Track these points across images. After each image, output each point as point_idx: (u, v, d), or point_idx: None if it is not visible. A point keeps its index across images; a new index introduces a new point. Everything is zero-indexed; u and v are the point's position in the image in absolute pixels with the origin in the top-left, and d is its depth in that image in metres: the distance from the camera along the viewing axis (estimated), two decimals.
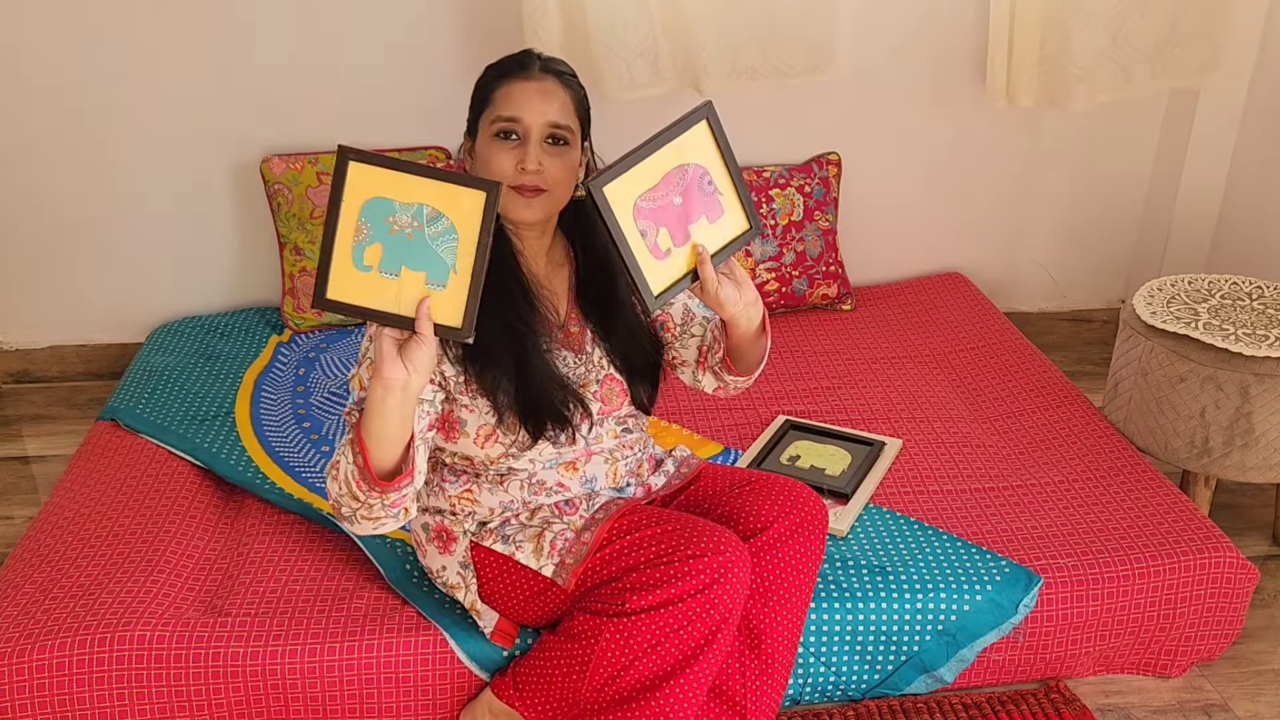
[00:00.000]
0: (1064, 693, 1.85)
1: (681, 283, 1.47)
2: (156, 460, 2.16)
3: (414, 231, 1.30)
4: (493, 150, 1.51)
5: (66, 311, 2.88)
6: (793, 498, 1.68)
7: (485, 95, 1.55)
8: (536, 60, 1.56)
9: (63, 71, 2.61)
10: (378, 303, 1.31)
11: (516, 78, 1.53)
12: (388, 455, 1.38)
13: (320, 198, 2.65)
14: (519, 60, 1.56)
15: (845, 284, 2.86)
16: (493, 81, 1.55)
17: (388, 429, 1.35)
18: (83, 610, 1.73)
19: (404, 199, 1.29)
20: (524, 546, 1.61)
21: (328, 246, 1.29)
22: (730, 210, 1.49)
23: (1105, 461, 2.15)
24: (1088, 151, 2.98)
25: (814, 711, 1.81)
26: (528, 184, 1.50)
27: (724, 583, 1.49)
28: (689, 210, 1.45)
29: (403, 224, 1.30)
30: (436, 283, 1.31)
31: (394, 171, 1.29)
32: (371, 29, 2.64)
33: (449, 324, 1.33)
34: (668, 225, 1.44)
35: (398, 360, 1.32)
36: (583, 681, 1.53)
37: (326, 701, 1.69)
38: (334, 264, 1.29)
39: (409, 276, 1.31)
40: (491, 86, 1.55)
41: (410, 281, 1.31)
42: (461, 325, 1.33)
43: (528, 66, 1.55)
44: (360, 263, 1.30)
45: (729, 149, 1.47)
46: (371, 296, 1.30)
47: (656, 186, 1.43)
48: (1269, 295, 2.29)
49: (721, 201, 1.48)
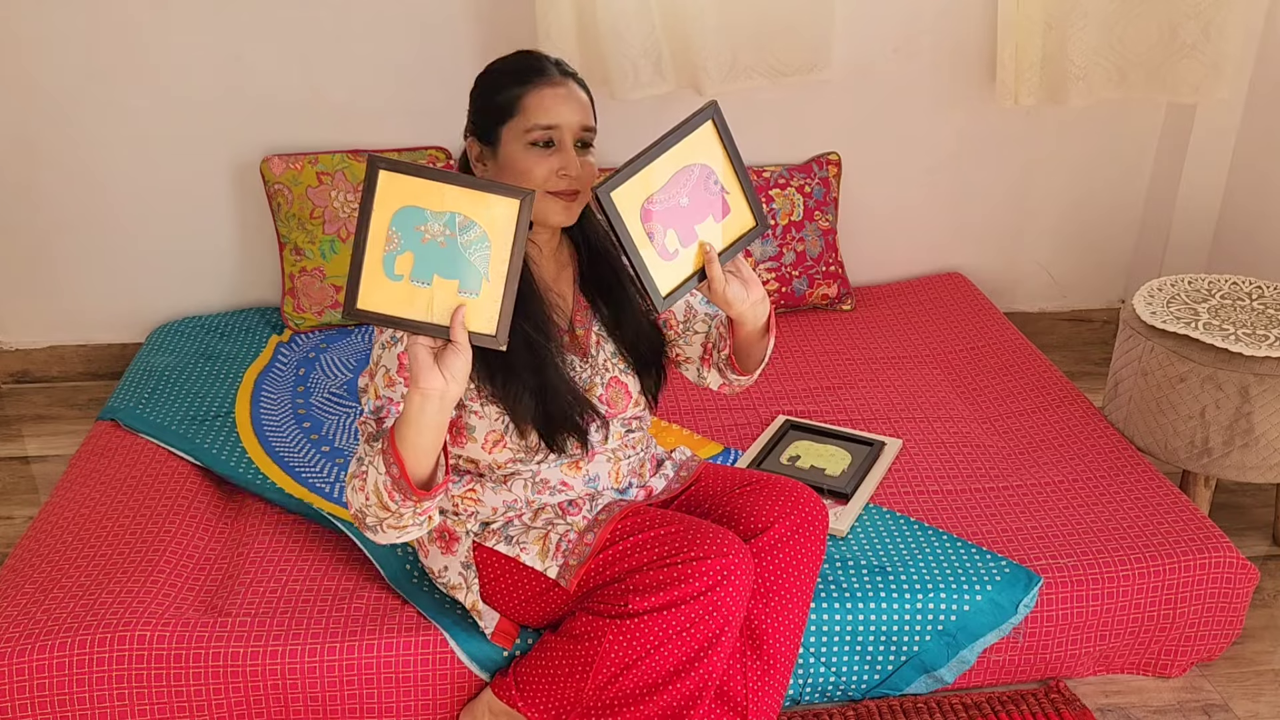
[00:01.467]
0: (1064, 693, 1.85)
1: (689, 282, 1.47)
2: (156, 460, 2.16)
3: (446, 240, 1.29)
4: (530, 159, 1.50)
5: (66, 311, 2.88)
6: (793, 498, 1.68)
7: (508, 104, 1.52)
8: (550, 63, 1.55)
9: (63, 71, 2.61)
10: (410, 312, 1.30)
11: (541, 84, 1.52)
12: (423, 464, 1.36)
13: (320, 198, 2.65)
14: (534, 65, 1.54)
15: (845, 284, 2.86)
16: (514, 88, 1.52)
17: (424, 438, 1.34)
18: (83, 610, 1.73)
19: (436, 207, 1.28)
20: (529, 548, 1.61)
21: (358, 256, 1.28)
22: (737, 209, 1.49)
23: (1105, 461, 2.15)
24: (1088, 152, 2.98)
25: (814, 711, 1.81)
26: (567, 189, 1.51)
27: (727, 585, 1.50)
28: (696, 210, 1.46)
29: (435, 233, 1.29)
30: (469, 291, 1.31)
31: (426, 180, 1.28)
32: (372, 29, 2.65)
33: (483, 331, 1.32)
34: (675, 226, 1.44)
35: (435, 369, 1.30)
36: (585, 682, 1.53)
37: (326, 701, 1.69)
38: (365, 274, 1.28)
39: (441, 285, 1.30)
40: (515, 94, 1.52)
41: (443, 290, 1.30)
42: (496, 333, 1.33)
43: (547, 71, 1.53)
44: (391, 272, 1.29)
45: (734, 147, 1.47)
46: (404, 306, 1.30)
47: (664, 188, 1.43)
48: (1269, 295, 2.29)
49: (728, 200, 1.48)
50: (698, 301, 1.73)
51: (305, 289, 2.69)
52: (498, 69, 1.57)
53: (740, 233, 1.50)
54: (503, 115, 1.53)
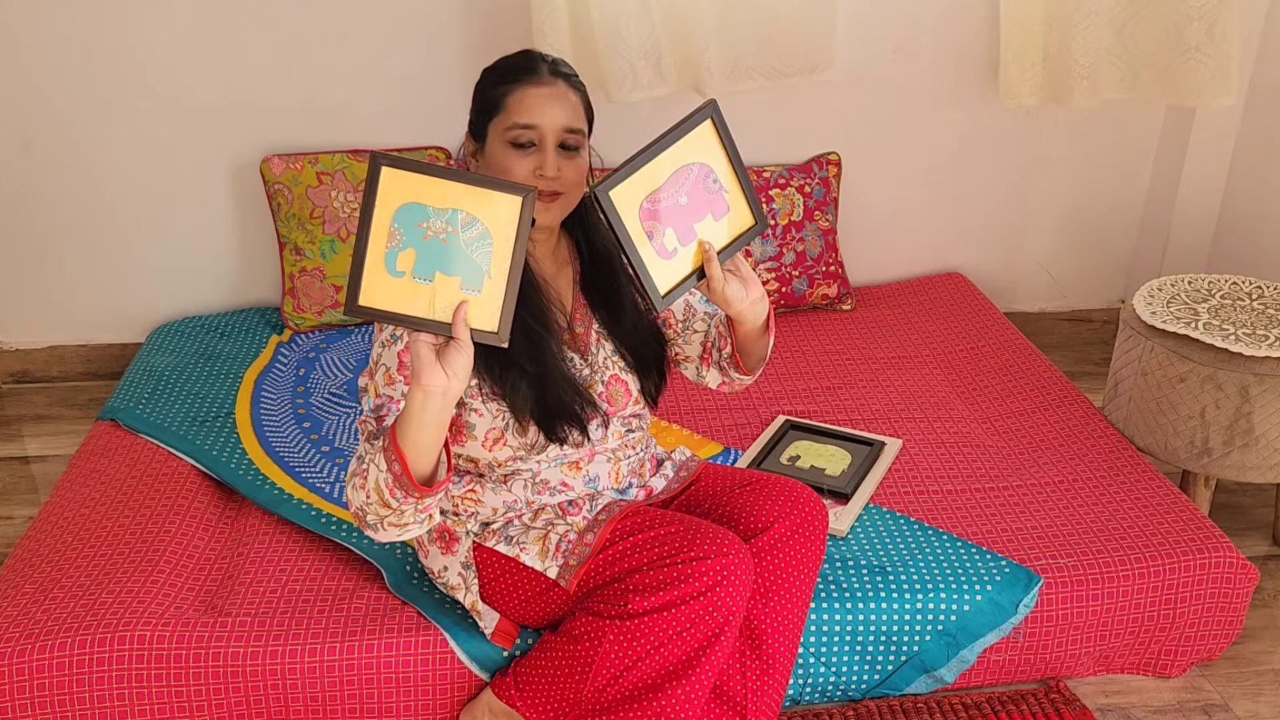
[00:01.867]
0: (1064, 693, 1.85)
1: (688, 281, 1.47)
2: (156, 460, 2.16)
3: (448, 237, 1.29)
4: (509, 158, 1.50)
5: (66, 311, 2.88)
6: (793, 499, 1.68)
7: (495, 101, 1.53)
8: (544, 63, 1.55)
9: (62, 71, 2.61)
10: (412, 309, 1.30)
11: (527, 83, 1.52)
12: (425, 461, 1.36)
13: (320, 198, 2.66)
14: (525, 64, 1.54)
15: (845, 284, 2.86)
16: (501, 86, 1.53)
17: (425, 435, 1.33)
18: (83, 610, 1.73)
19: (438, 204, 1.28)
20: (529, 548, 1.61)
21: (360, 253, 1.28)
22: (735, 207, 1.49)
23: (1105, 461, 2.15)
24: (1088, 152, 2.98)
25: (814, 711, 1.81)
26: (545, 189, 1.50)
27: (727, 585, 1.50)
28: (695, 209, 1.46)
29: (436, 229, 1.29)
30: (471, 288, 1.31)
31: (428, 177, 1.28)
32: (372, 29, 2.65)
33: (485, 329, 1.32)
34: (674, 225, 1.44)
35: (437, 366, 1.30)
36: (584, 682, 1.53)
37: (326, 701, 1.69)
38: (366, 270, 1.28)
39: (443, 282, 1.30)
40: (501, 92, 1.52)
41: (445, 287, 1.30)
42: (498, 329, 1.33)
43: (537, 70, 1.53)
44: (393, 269, 1.29)
45: (734, 146, 1.47)
46: (405, 303, 1.30)
47: (662, 187, 1.43)
48: (1269, 295, 2.29)
49: (727, 199, 1.48)
50: (697, 300, 1.73)
51: (305, 289, 2.69)
52: (494, 66, 1.56)
53: (739, 231, 1.50)
54: (490, 112, 1.53)
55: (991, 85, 2.84)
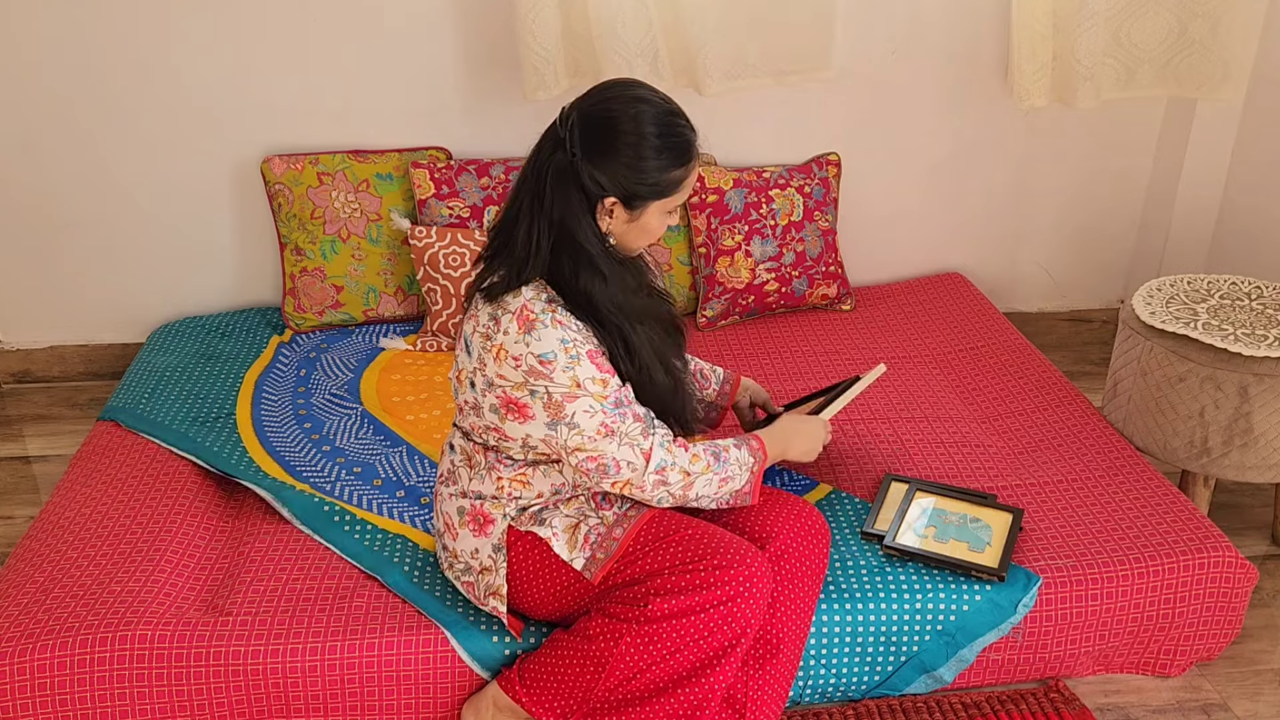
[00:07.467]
0: (1064, 692, 1.85)
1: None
2: (157, 460, 2.16)
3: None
4: (663, 222, 1.63)
5: (67, 311, 2.89)
6: (794, 511, 1.75)
7: (670, 184, 1.58)
8: (694, 133, 1.61)
9: (63, 72, 2.61)
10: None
11: (691, 163, 1.60)
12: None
13: (321, 198, 2.66)
14: (688, 143, 1.59)
15: (845, 284, 2.86)
16: (674, 170, 1.58)
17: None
18: (83, 610, 1.73)
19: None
20: (559, 535, 1.63)
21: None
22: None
23: (1105, 461, 2.15)
24: (1087, 151, 2.98)
25: (814, 711, 1.81)
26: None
27: (749, 596, 1.54)
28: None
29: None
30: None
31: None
32: (372, 29, 2.65)
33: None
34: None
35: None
36: (596, 681, 1.55)
37: (327, 701, 1.70)
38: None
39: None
40: (677, 176, 1.59)
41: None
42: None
43: (694, 148, 1.60)
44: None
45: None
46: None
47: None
48: (1268, 295, 2.29)
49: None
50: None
51: (306, 289, 2.69)
52: (656, 143, 1.57)
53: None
54: (663, 193, 1.59)
55: (991, 85, 2.84)
